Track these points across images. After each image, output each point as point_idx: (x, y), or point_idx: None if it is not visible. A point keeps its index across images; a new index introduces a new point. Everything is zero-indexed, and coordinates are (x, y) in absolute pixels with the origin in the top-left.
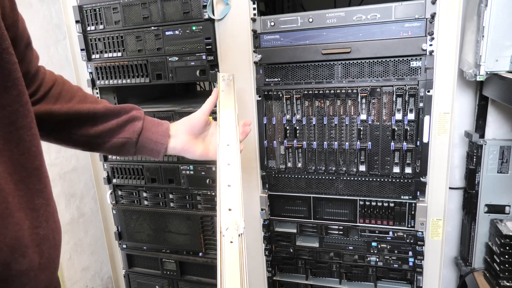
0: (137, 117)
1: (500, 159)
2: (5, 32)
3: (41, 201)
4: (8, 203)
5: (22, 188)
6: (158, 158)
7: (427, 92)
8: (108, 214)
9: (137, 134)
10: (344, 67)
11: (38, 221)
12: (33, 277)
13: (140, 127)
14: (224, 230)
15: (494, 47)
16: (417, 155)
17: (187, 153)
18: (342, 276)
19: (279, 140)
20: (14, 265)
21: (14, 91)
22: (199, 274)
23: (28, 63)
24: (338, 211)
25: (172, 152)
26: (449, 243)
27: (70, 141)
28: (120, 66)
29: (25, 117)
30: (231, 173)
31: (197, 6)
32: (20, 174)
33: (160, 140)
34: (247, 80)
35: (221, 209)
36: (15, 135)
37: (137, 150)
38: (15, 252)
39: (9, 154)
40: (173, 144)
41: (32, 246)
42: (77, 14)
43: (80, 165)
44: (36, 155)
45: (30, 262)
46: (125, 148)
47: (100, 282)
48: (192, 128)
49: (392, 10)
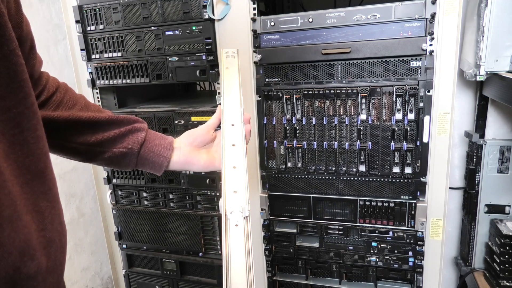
0: (140, 128)
1: (500, 159)
2: (12, 33)
3: (46, 204)
4: (16, 206)
5: (27, 191)
6: (160, 173)
7: (427, 92)
8: (108, 214)
9: (139, 145)
10: (344, 67)
11: (43, 224)
12: (41, 280)
13: (142, 138)
14: (229, 213)
15: (494, 47)
16: (417, 155)
17: (191, 165)
18: (342, 276)
19: (279, 140)
20: (23, 269)
21: (20, 93)
22: (199, 274)
23: (31, 66)
24: (338, 211)
25: (175, 166)
26: (449, 243)
27: (69, 149)
28: (120, 66)
29: (30, 119)
30: (236, 154)
31: (197, 6)
32: (25, 176)
33: (163, 153)
34: (247, 80)
35: (226, 191)
36: (19, 138)
37: (138, 162)
38: (24, 256)
39: (14, 156)
40: (176, 157)
41: (40, 249)
42: (77, 14)
43: (80, 165)
44: (41, 157)
45: (38, 265)
46: (126, 159)
47: (100, 282)
48: (195, 139)
49: (392, 10)
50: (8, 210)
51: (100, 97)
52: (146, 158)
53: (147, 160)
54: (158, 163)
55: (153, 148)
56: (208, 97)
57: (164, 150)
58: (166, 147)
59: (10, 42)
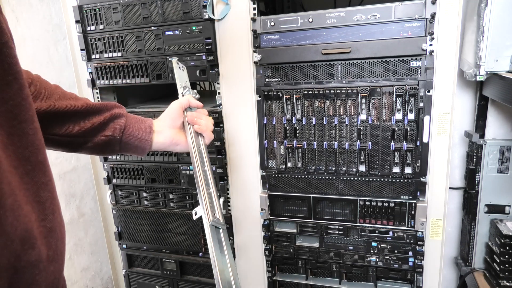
0: (119, 115)
1: (500, 159)
2: (3, 25)
3: (47, 194)
4: (16, 196)
5: (27, 181)
6: (143, 155)
7: (427, 92)
8: (108, 214)
9: (121, 131)
10: (344, 67)
11: (44, 214)
12: (43, 269)
13: (123, 124)
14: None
15: (494, 47)
16: (417, 155)
17: (176, 146)
18: (342, 276)
19: (279, 140)
20: (24, 257)
21: (15, 85)
22: (199, 274)
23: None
24: (338, 211)
25: (160, 147)
26: (449, 243)
27: (52, 142)
28: (120, 66)
29: (27, 110)
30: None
31: (197, 6)
32: (25, 167)
33: (144, 136)
34: (247, 80)
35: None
36: (18, 129)
37: (121, 147)
38: (25, 244)
39: (13, 148)
40: (160, 139)
41: (40, 238)
42: (77, 14)
43: (80, 165)
44: (40, 148)
45: (39, 254)
46: (109, 146)
47: (100, 282)
48: (174, 121)
49: (392, 10)
50: (10, 199)
51: (100, 97)
52: (128, 143)
53: (129, 145)
54: (140, 147)
55: (134, 132)
56: (208, 97)
57: (145, 134)
58: (147, 131)
59: (3, 35)
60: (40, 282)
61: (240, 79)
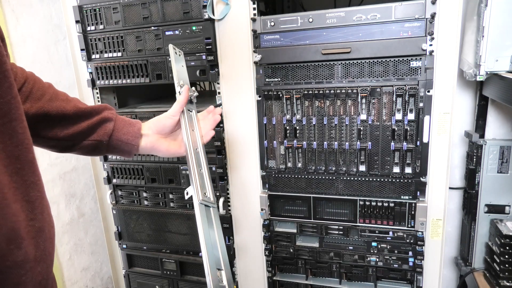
0: (108, 118)
1: (500, 159)
2: None
3: (36, 194)
4: (4, 194)
5: (17, 180)
6: (130, 157)
7: (427, 92)
8: (108, 214)
9: (108, 136)
10: (344, 67)
11: (33, 214)
12: (29, 269)
13: (111, 128)
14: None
15: (494, 47)
16: (417, 155)
17: (157, 151)
18: (342, 276)
19: (279, 140)
20: (9, 256)
21: (5, 83)
22: (199, 274)
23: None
24: (338, 211)
25: (144, 151)
26: (449, 243)
27: (39, 143)
28: (120, 66)
29: (17, 109)
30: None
31: (197, 6)
32: (15, 166)
33: (131, 141)
34: (247, 80)
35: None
36: (8, 127)
37: (108, 151)
38: (11, 244)
39: (3, 146)
40: (144, 143)
41: (28, 238)
42: (77, 14)
43: (80, 165)
44: (29, 147)
45: (26, 254)
46: (95, 150)
47: (100, 282)
48: (162, 128)
49: (392, 10)
50: None
51: (100, 97)
52: (115, 147)
53: (116, 149)
54: (127, 151)
55: (122, 137)
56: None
57: (132, 138)
58: (134, 135)
59: None
60: (27, 282)
61: (240, 79)
